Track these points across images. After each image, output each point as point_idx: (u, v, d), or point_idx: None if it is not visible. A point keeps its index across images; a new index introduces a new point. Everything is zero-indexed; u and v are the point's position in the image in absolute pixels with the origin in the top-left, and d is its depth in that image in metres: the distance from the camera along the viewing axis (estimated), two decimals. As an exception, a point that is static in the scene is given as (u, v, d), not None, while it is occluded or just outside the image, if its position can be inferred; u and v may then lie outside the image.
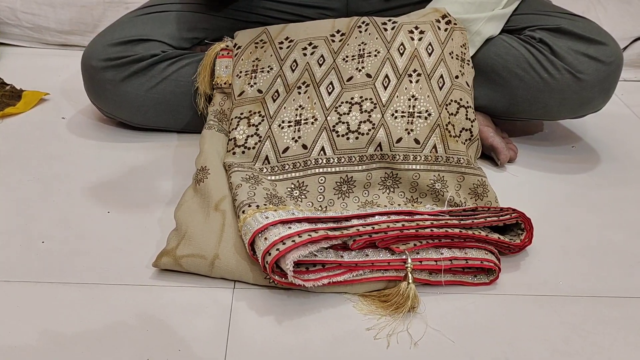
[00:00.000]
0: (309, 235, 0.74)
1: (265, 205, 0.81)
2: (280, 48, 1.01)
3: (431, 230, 0.80)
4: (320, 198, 0.89)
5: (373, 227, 0.79)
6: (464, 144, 0.95)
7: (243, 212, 0.80)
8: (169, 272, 0.82)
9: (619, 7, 1.55)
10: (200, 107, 1.06)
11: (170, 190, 0.98)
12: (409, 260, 0.79)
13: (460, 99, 0.97)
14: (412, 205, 0.90)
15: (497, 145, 1.08)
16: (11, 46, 1.47)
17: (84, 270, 0.82)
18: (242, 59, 1.02)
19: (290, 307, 0.78)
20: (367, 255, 0.79)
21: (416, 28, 1.01)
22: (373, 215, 0.82)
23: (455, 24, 1.03)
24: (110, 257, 0.84)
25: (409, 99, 0.95)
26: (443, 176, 0.92)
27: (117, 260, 0.84)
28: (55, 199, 0.95)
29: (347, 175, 0.91)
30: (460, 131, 0.95)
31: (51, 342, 0.71)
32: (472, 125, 0.96)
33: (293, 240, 0.74)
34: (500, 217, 0.86)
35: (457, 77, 0.99)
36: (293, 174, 0.91)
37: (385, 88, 0.95)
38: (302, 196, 0.89)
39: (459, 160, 0.93)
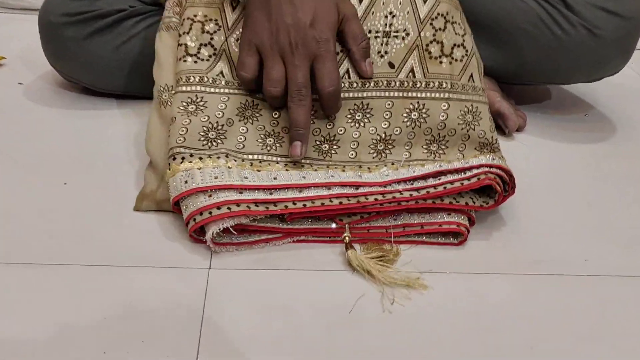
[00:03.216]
0: (227, 208, 0.69)
1: (192, 154, 0.73)
2: None
3: (380, 205, 0.73)
4: (274, 123, 0.79)
5: (305, 205, 0.72)
6: (460, 61, 0.82)
7: (171, 161, 0.74)
8: (132, 250, 0.71)
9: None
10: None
11: (135, 162, 0.87)
12: (347, 230, 0.73)
13: (447, 13, 0.83)
14: (377, 154, 0.79)
15: (505, 110, 0.98)
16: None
17: (41, 249, 0.70)
18: None
19: (273, 288, 0.67)
20: (309, 221, 0.74)
21: None
22: (310, 187, 0.74)
23: None
24: (69, 234, 0.73)
25: (386, 16, 0.82)
26: (423, 104, 0.80)
27: (76, 238, 0.72)
28: (11, 170, 0.84)
29: (312, 106, 0.79)
30: (452, 48, 0.83)
31: (8, 328, 0.60)
32: (464, 40, 0.84)
33: (210, 213, 0.69)
34: (465, 184, 0.75)
35: None
36: (247, 92, 0.81)
37: (360, 2, 0.83)
38: (254, 118, 0.79)
39: (441, 85, 0.81)
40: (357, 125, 0.80)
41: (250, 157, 0.76)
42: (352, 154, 0.80)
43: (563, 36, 0.95)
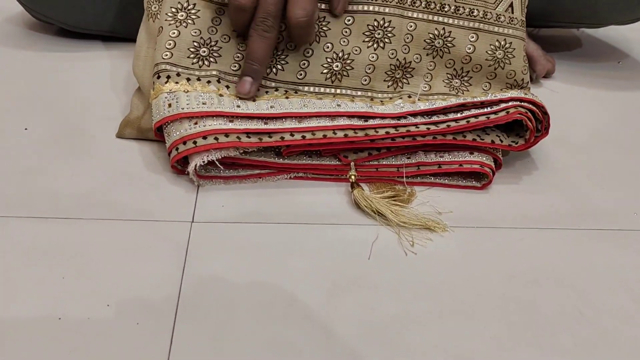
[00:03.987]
0: (215, 139, 0.59)
1: (178, 73, 0.64)
2: None
3: (391, 140, 0.63)
4: (280, 37, 0.67)
5: (304, 136, 0.61)
6: None
7: (155, 79, 0.64)
8: (99, 198, 0.59)
9: None
10: None
11: (104, 106, 0.75)
12: (352, 168, 0.63)
13: None
14: (393, 82, 0.69)
15: (533, 52, 0.87)
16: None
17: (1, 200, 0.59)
18: None
19: (267, 242, 0.56)
20: (309, 157, 0.64)
21: None
22: (311, 116, 0.63)
23: None
24: (31, 184, 0.61)
25: None
26: (449, 32, 0.70)
27: (40, 190, 0.61)
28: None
29: (324, 18, 0.68)
30: None
31: None
32: None
33: (194, 142, 0.60)
34: (491, 118, 0.64)
35: None
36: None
37: None
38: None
39: (472, 12, 0.71)
40: (375, 45, 0.69)
41: None
42: (366, 80, 0.69)
43: (601, -35, 0.83)
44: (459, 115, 0.65)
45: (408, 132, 0.63)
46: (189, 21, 0.66)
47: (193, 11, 0.67)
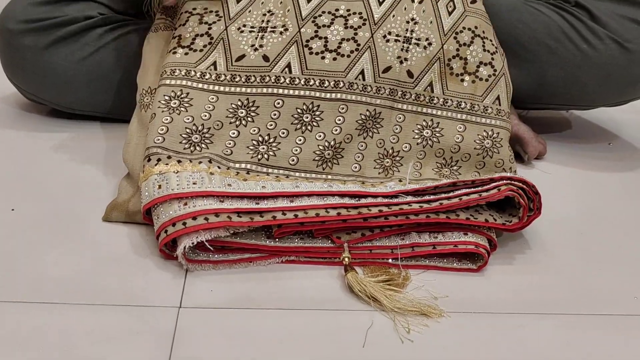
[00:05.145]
0: (205, 219, 0.58)
1: (169, 156, 0.63)
2: None
3: (384, 218, 0.62)
4: (272, 125, 0.70)
5: (296, 215, 0.60)
6: (485, 80, 0.75)
7: (145, 162, 0.64)
8: (88, 287, 0.57)
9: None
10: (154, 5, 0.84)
11: (94, 188, 0.74)
12: (346, 250, 0.61)
13: (476, 27, 0.77)
14: (383, 170, 0.71)
15: (524, 134, 0.87)
16: None
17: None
18: None
19: (256, 331, 0.54)
20: (301, 239, 0.62)
21: None
22: (303, 195, 0.63)
23: None
24: (15, 267, 0.60)
25: (407, 22, 0.75)
26: (438, 123, 0.73)
27: (24, 273, 0.59)
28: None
29: (312, 103, 0.71)
30: (477, 66, 0.75)
31: None
32: (492, 58, 0.76)
33: (184, 224, 0.58)
34: (483, 195, 0.64)
35: (473, 1, 0.79)
36: (243, 89, 0.71)
37: (380, 4, 0.76)
38: (248, 118, 0.70)
39: (460, 105, 0.74)
40: (365, 134, 0.72)
41: (237, 165, 0.67)
42: (356, 167, 0.70)
43: (589, 51, 0.84)
44: (450, 194, 0.65)
45: (401, 211, 0.62)
46: (182, 109, 0.67)
47: (186, 99, 0.68)
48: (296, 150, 0.69)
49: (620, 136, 1.02)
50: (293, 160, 0.68)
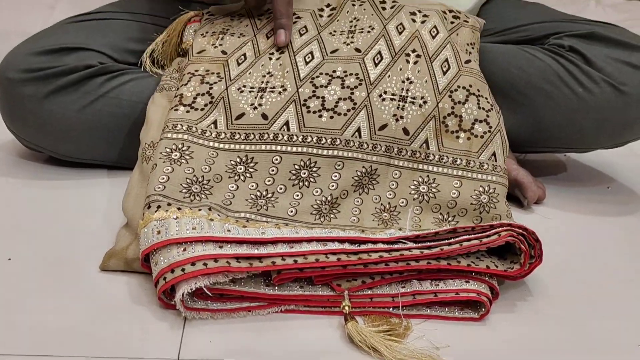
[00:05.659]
0: (203, 264, 0.58)
1: (169, 203, 0.63)
2: (259, 19, 0.85)
3: (385, 264, 0.62)
4: (269, 181, 0.71)
5: (295, 261, 0.60)
6: (481, 137, 0.76)
7: (145, 210, 0.64)
8: (85, 338, 0.57)
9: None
10: (147, 66, 0.87)
11: (93, 236, 0.74)
12: (346, 299, 0.60)
13: (470, 86, 0.78)
14: (382, 223, 0.71)
15: (523, 179, 0.87)
16: None
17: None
18: (212, 23, 0.85)
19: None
20: (301, 287, 0.62)
21: (419, 11, 0.84)
22: (302, 241, 0.63)
23: (465, 20, 0.86)
24: (11, 319, 0.59)
25: (403, 81, 0.77)
26: (434, 179, 0.74)
27: (20, 324, 0.59)
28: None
29: (310, 160, 0.72)
30: (472, 124, 0.76)
31: None
32: (487, 115, 0.77)
33: (183, 270, 0.58)
34: (484, 240, 0.64)
35: (467, 61, 0.80)
36: (242, 146, 0.72)
37: (376, 65, 0.78)
38: (247, 174, 0.71)
39: (455, 161, 0.74)
40: (360, 190, 0.73)
41: (237, 215, 0.67)
42: (354, 220, 0.71)
43: (585, 94, 0.85)
44: (451, 239, 0.65)
45: (402, 256, 0.62)
46: (183, 160, 0.68)
47: (187, 152, 0.69)
48: (294, 204, 0.69)
49: (618, 179, 1.02)
50: (292, 211, 0.69)
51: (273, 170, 0.71)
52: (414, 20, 0.82)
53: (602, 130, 0.87)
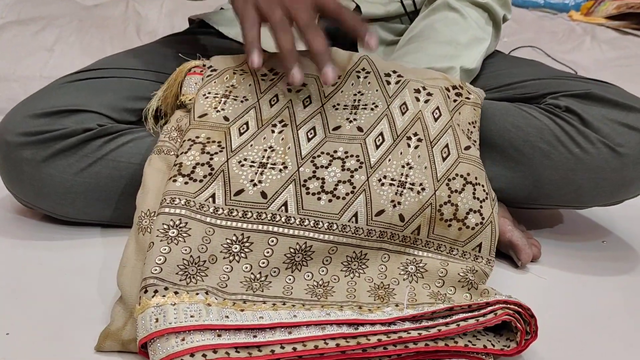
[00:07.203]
0: (202, 355, 0.58)
1: (167, 287, 0.63)
2: (263, 80, 0.84)
3: (384, 348, 0.62)
4: (264, 263, 0.70)
5: (295, 348, 0.60)
6: (472, 229, 0.76)
7: (142, 294, 0.63)
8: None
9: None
10: (149, 125, 0.86)
11: (94, 301, 0.74)
12: None
13: (468, 174, 0.78)
14: (378, 298, 0.71)
15: (517, 241, 0.87)
16: None
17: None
18: (215, 82, 0.84)
19: None
20: None
21: (424, 88, 0.84)
22: (301, 325, 0.63)
23: (467, 97, 0.86)
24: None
25: (403, 166, 0.77)
26: (421, 259, 0.75)
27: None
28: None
29: (305, 244, 0.72)
30: (467, 213, 0.76)
31: None
32: (481, 206, 0.77)
33: None
34: (480, 320, 0.65)
35: (467, 147, 0.80)
36: (239, 224, 0.72)
37: (377, 147, 0.78)
38: (242, 254, 0.70)
39: (439, 247, 0.76)
40: (352, 275, 0.73)
41: (234, 297, 0.67)
42: (351, 297, 0.71)
43: (582, 155, 0.85)
44: (448, 319, 0.65)
45: (400, 339, 0.62)
46: (180, 239, 0.67)
47: (185, 229, 0.69)
48: (288, 287, 0.70)
49: (614, 232, 1.02)
50: (288, 291, 0.69)
51: (268, 252, 0.71)
52: (417, 99, 0.82)
53: (599, 190, 0.87)
